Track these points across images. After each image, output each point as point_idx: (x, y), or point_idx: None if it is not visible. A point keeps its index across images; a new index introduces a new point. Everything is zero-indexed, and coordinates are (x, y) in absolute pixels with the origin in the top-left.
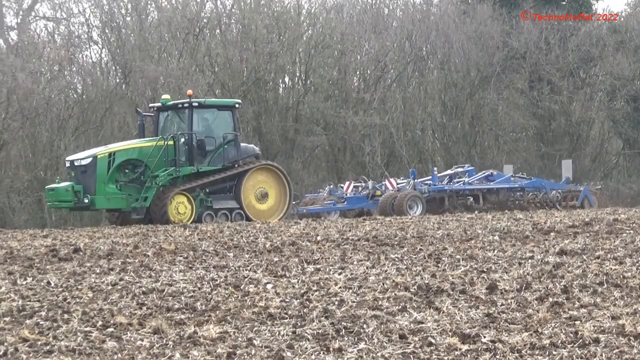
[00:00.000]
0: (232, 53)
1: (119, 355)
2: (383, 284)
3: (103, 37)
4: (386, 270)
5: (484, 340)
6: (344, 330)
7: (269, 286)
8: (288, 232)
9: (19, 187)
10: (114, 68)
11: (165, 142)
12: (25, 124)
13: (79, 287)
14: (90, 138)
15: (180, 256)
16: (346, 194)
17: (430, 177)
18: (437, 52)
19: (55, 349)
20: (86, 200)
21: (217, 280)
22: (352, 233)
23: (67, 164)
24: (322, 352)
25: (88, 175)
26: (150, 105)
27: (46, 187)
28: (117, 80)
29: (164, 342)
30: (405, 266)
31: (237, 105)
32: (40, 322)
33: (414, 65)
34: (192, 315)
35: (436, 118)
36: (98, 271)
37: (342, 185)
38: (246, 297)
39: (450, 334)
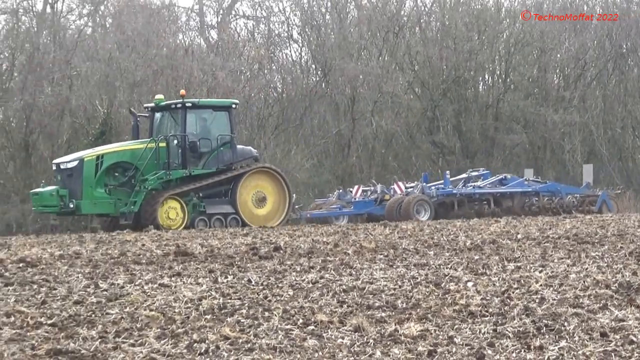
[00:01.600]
0: (432, 51)
1: (320, 353)
2: (584, 281)
3: (303, 35)
4: (587, 268)
5: None
6: (544, 328)
7: (469, 284)
8: (488, 230)
9: None
10: (313, 66)
11: (157, 144)
12: None
13: (280, 285)
14: (290, 136)
15: (381, 254)
16: (354, 199)
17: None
18: (637, 50)
19: (256, 347)
20: (71, 205)
21: (417, 278)
22: (553, 231)
23: (54, 167)
24: (522, 350)
25: (74, 179)
26: (145, 105)
27: (31, 191)
28: (317, 79)
29: (365, 339)
30: (605, 264)
31: (233, 106)
32: (241, 320)
33: (614, 63)
34: (393, 313)
35: (636, 116)
36: (298, 269)
37: (351, 189)
38: (447, 295)
39: None
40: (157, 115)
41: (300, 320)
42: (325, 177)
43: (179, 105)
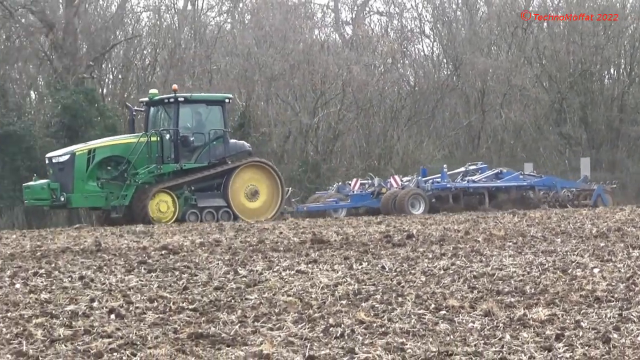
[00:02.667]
0: (559, 46)
1: (451, 336)
2: None
3: (434, 30)
4: None
5: None
6: None
7: (595, 270)
8: (614, 218)
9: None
10: (444, 61)
11: (148, 139)
12: (360, 115)
13: (412, 271)
14: (422, 128)
15: (510, 242)
16: (352, 192)
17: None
18: None
19: (390, 331)
20: (62, 199)
21: (545, 264)
22: None
23: (47, 161)
24: None
25: (65, 172)
26: (140, 100)
27: (23, 184)
28: (448, 73)
29: (494, 324)
30: None
31: (227, 101)
32: (376, 305)
33: None
34: (522, 299)
35: None
36: (430, 256)
37: (349, 182)
38: (573, 281)
39: None
40: (152, 109)
41: (432, 305)
42: (456, 167)
43: (172, 100)
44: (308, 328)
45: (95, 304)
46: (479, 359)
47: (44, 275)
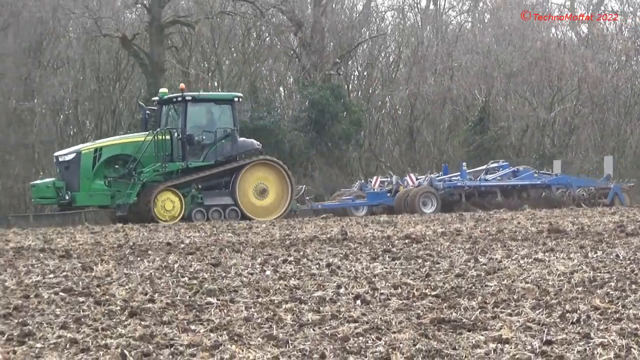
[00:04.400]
0: None
1: None
2: None
3: None
4: None
5: None
6: None
7: None
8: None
9: None
10: None
11: (154, 137)
12: (595, 110)
13: None
14: None
15: None
16: (373, 189)
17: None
18: None
19: (624, 317)
20: (67, 197)
21: None
22: None
23: (54, 160)
24: None
25: (71, 171)
26: (153, 99)
27: (30, 183)
28: None
29: None
30: None
31: (236, 99)
32: (610, 292)
33: None
34: None
35: None
36: None
37: (371, 180)
38: None
39: None
40: (165, 109)
41: None
42: None
43: (180, 99)
44: (545, 314)
45: (341, 290)
46: None
47: (293, 262)
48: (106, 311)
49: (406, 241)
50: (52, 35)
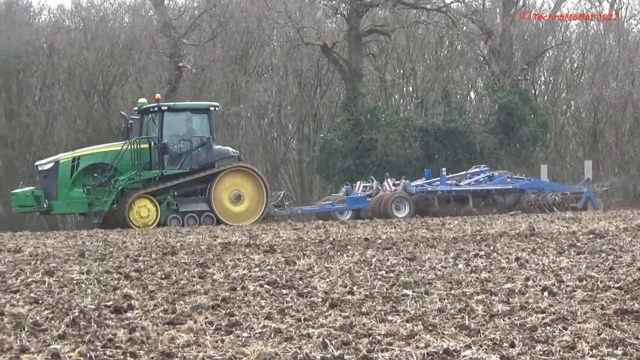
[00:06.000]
0: None
1: None
2: None
3: None
4: None
5: None
6: None
7: None
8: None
9: None
10: None
11: (130, 146)
12: None
13: None
14: None
15: None
16: (357, 194)
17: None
18: None
19: None
20: (45, 205)
21: None
22: None
23: (35, 169)
24: None
25: (49, 180)
26: (134, 108)
27: (11, 191)
28: None
29: None
30: None
31: (212, 108)
32: None
33: None
34: None
35: None
36: None
37: (355, 184)
38: None
39: None
40: (145, 118)
41: None
42: None
43: (156, 109)
44: None
45: (529, 283)
46: None
47: (484, 256)
48: (308, 303)
49: (590, 236)
50: (257, 44)
